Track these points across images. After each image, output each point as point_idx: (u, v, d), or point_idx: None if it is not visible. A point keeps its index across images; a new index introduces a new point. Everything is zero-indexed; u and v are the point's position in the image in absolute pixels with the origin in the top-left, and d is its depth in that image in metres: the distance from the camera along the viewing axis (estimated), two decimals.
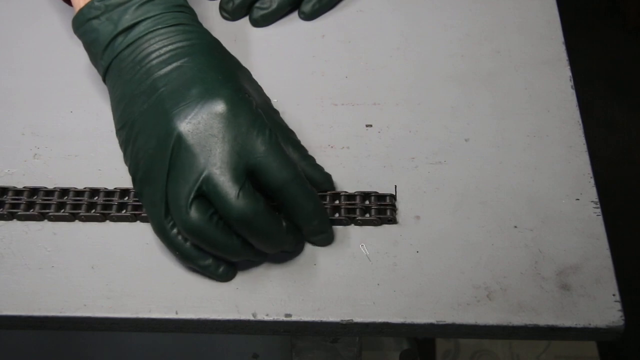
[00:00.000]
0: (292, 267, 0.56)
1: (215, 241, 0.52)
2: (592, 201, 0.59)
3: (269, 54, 0.70)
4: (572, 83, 0.67)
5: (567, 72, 0.68)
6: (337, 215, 0.58)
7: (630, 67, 1.83)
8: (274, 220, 0.53)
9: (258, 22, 0.72)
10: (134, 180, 0.56)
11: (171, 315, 0.54)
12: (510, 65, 0.69)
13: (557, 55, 0.69)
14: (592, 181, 0.60)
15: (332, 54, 0.70)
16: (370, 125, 0.65)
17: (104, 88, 0.67)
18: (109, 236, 0.58)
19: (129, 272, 0.56)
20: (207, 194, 0.52)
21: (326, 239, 0.57)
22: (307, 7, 0.73)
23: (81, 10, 0.58)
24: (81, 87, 0.68)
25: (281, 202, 0.54)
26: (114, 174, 0.61)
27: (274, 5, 0.72)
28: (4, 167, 0.62)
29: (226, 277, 0.55)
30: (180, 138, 0.53)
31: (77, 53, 0.70)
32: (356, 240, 0.57)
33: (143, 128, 0.55)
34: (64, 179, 0.61)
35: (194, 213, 0.52)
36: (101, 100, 0.67)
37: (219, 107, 0.53)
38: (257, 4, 0.72)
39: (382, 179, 0.61)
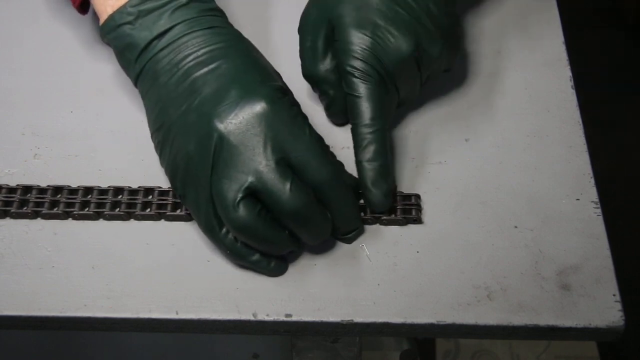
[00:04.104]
0: (292, 267, 0.56)
1: (264, 237, 0.53)
2: (592, 201, 0.59)
3: (269, 54, 0.70)
4: (572, 83, 0.67)
5: (567, 72, 0.68)
6: (362, 214, 0.58)
7: (630, 67, 1.83)
8: (322, 211, 0.54)
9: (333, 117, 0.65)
10: (173, 182, 0.56)
11: (171, 315, 0.54)
12: (510, 65, 0.69)
13: (557, 55, 0.69)
14: (592, 181, 0.60)
15: None
16: None
17: (104, 88, 0.68)
18: (109, 236, 0.58)
19: (129, 272, 0.56)
20: (257, 192, 0.52)
21: (355, 237, 0.57)
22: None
23: (112, 16, 0.58)
24: (81, 87, 0.68)
25: (319, 199, 0.54)
26: (114, 174, 0.61)
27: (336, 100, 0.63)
28: (4, 167, 0.62)
29: (278, 271, 0.56)
30: (222, 138, 0.53)
31: (77, 53, 0.70)
32: (357, 240, 0.57)
33: (181, 129, 0.55)
34: (64, 179, 0.61)
35: (242, 211, 0.52)
36: (101, 100, 0.67)
37: (259, 106, 0.54)
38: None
39: None
